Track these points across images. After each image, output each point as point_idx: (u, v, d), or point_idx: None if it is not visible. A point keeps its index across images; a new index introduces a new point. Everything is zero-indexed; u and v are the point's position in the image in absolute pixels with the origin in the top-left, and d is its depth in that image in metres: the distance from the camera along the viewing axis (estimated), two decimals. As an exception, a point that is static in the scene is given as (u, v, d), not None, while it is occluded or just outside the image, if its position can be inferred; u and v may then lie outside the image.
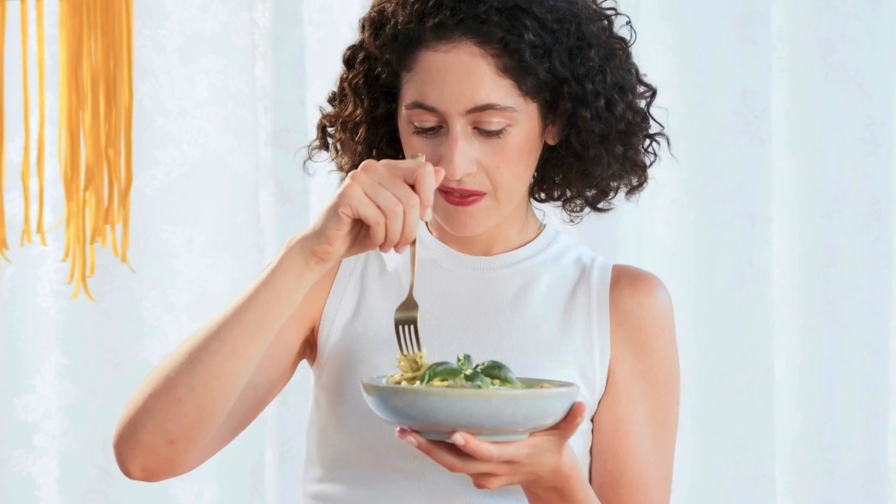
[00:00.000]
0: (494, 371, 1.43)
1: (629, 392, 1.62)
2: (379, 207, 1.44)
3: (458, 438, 1.38)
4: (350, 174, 1.45)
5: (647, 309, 1.63)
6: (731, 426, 2.64)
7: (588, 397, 1.61)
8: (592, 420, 1.63)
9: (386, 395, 1.41)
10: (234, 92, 2.55)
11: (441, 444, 1.41)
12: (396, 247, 1.46)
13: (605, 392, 1.62)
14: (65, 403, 2.54)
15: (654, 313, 1.63)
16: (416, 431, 1.41)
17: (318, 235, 1.46)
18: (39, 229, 1.91)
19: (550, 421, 1.42)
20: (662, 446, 1.63)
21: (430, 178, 1.46)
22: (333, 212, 1.45)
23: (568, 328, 1.62)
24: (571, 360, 1.61)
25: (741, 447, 2.64)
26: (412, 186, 1.46)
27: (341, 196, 1.44)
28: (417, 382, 1.44)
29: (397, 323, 1.48)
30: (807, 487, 2.67)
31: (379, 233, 1.45)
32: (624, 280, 1.64)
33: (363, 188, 1.44)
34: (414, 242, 1.48)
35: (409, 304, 1.49)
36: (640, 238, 2.62)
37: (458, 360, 1.44)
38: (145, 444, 1.50)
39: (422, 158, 1.49)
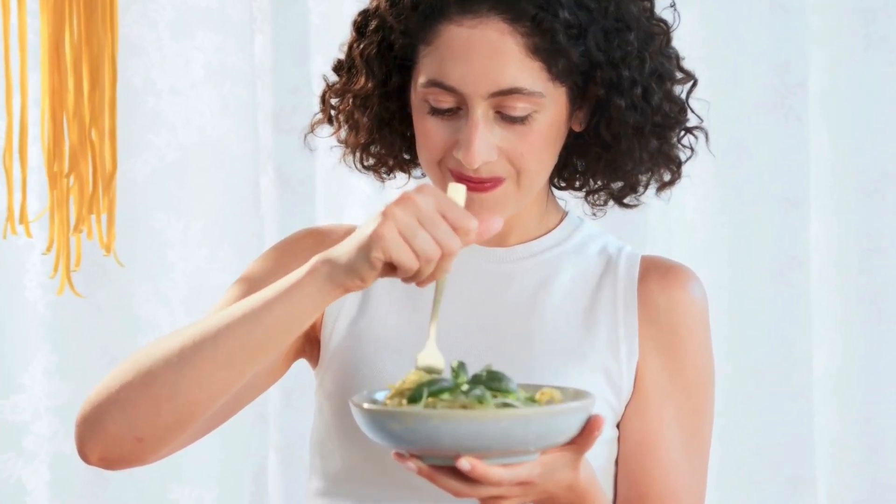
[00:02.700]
0: (494, 384, 1.35)
1: (658, 396, 1.57)
2: (415, 252, 1.35)
3: (464, 464, 1.31)
4: (384, 210, 1.36)
5: (679, 304, 1.58)
6: (767, 425, 2.60)
7: (614, 402, 1.57)
8: (618, 427, 1.59)
9: (380, 418, 1.33)
10: (231, 70, 2.51)
11: (445, 468, 1.34)
12: (419, 284, 1.39)
13: (632, 396, 1.58)
14: (55, 403, 2.51)
15: (686, 309, 1.59)
16: (416, 455, 1.34)
17: (349, 272, 1.38)
18: (23, 219, 1.85)
19: (564, 438, 1.35)
20: (695, 455, 1.58)
21: (475, 232, 1.38)
22: (365, 254, 1.36)
23: (592, 327, 1.57)
24: (596, 362, 1.56)
25: (779, 447, 2.60)
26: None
27: (373, 237, 1.35)
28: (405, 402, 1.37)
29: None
30: (849, 490, 2.64)
31: (408, 276, 1.37)
32: (653, 272, 1.60)
33: (399, 228, 1.35)
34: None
35: (433, 357, 1.41)
36: (668, 225, 2.58)
37: (452, 368, 1.37)
38: (110, 435, 1.45)
39: (462, 191, 1.41)
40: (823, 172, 2.61)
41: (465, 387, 1.35)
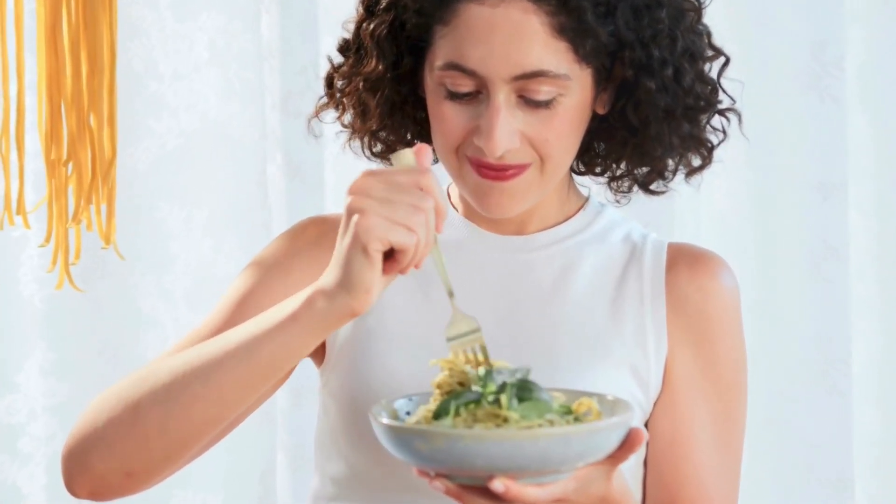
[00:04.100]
0: (524, 394, 1.33)
1: (689, 392, 1.56)
2: (406, 226, 1.33)
3: (498, 486, 1.29)
4: (347, 205, 1.34)
5: (710, 294, 1.57)
6: (803, 424, 2.59)
7: (642, 400, 1.55)
8: (647, 425, 1.57)
9: (406, 437, 1.30)
10: (236, 52, 2.51)
11: (475, 487, 1.31)
12: (417, 264, 1.37)
13: (661, 393, 1.56)
14: (51, 403, 2.51)
15: (717, 299, 1.57)
16: (443, 474, 1.32)
17: (351, 289, 1.35)
18: (20, 209, 1.85)
19: (603, 455, 1.33)
20: (728, 455, 1.57)
21: (439, 185, 1.36)
22: (360, 253, 1.34)
23: (617, 319, 1.56)
24: (622, 356, 1.54)
25: (815, 448, 2.59)
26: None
27: (360, 232, 1.33)
28: (426, 414, 1.34)
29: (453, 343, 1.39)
30: (890, 492, 2.62)
31: (410, 255, 1.35)
32: (682, 261, 1.59)
33: (379, 213, 1.33)
34: (435, 241, 1.39)
35: (460, 321, 1.38)
36: (696, 211, 2.57)
37: (478, 377, 1.35)
38: (97, 472, 1.45)
39: (410, 154, 1.38)
40: (862, 156, 2.58)
41: (490, 397, 1.32)
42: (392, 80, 1.54)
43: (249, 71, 2.51)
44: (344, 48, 1.58)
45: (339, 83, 1.58)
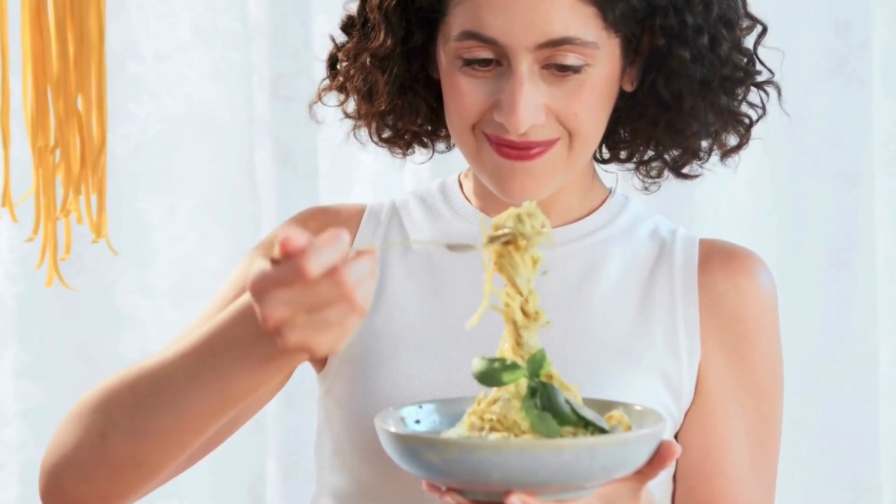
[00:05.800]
0: (548, 401, 1.28)
1: (724, 400, 1.54)
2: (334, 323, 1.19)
3: (515, 502, 1.23)
4: (265, 319, 1.18)
5: (746, 295, 1.55)
6: (827, 426, 2.58)
7: (673, 409, 1.52)
8: (677, 437, 1.54)
9: (416, 447, 1.25)
10: (222, 31, 2.51)
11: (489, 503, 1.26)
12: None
13: (693, 401, 1.53)
14: (24, 407, 2.51)
15: (754, 300, 1.56)
16: (455, 489, 1.26)
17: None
18: (6, 202, 1.82)
19: (632, 469, 1.28)
20: (763, 468, 1.55)
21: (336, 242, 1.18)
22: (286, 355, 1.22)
23: (646, 322, 1.53)
24: (652, 362, 1.52)
25: (840, 452, 2.59)
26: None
27: (288, 349, 1.19)
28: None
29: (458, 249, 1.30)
30: None
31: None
32: (716, 258, 1.57)
33: (303, 325, 1.18)
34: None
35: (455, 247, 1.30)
36: (715, 202, 2.56)
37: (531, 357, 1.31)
38: (72, 497, 1.39)
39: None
40: (889, 144, 2.57)
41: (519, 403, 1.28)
42: (401, 57, 1.52)
43: (236, 52, 2.50)
44: (348, 25, 1.56)
45: (342, 64, 1.55)
